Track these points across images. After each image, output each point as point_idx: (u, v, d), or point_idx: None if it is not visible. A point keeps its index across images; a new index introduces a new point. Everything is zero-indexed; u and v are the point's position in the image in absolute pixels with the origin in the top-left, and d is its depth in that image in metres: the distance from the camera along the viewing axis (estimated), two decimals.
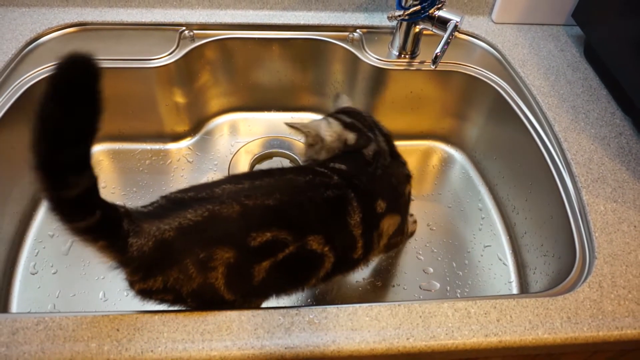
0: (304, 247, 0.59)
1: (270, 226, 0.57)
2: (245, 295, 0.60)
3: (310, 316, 0.57)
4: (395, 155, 0.76)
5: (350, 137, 0.73)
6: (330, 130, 0.73)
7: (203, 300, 0.58)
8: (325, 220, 0.62)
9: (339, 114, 0.77)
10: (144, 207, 0.58)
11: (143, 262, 0.54)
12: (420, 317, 0.57)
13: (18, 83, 0.84)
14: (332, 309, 0.58)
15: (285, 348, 0.54)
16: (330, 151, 0.73)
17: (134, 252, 0.53)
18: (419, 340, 0.56)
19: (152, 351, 0.53)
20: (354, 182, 0.66)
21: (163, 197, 0.60)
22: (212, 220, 0.56)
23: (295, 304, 0.79)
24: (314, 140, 0.74)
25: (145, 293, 0.57)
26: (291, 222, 0.59)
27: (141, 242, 0.53)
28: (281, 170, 0.66)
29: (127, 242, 0.53)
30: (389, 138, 0.76)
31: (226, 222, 0.56)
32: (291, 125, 0.74)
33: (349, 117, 0.76)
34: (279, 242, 0.58)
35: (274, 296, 0.65)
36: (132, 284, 0.57)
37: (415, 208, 0.96)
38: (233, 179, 0.63)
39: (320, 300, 0.82)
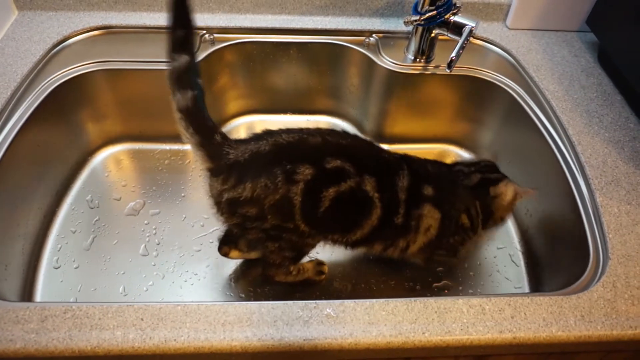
0: (360, 185, 0.67)
1: (341, 156, 0.67)
2: (310, 223, 0.68)
3: (328, 310, 0.58)
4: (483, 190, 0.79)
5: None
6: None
7: (280, 217, 0.66)
8: (381, 171, 0.70)
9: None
10: (240, 138, 0.71)
11: (237, 170, 0.65)
12: (436, 312, 0.59)
13: (45, 83, 0.87)
14: (349, 303, 0.59)
15: (304, 340, 0.56)
16: None
17: (229, 160, 0.66)
18: (435, 335, 0.57)
19: (175, 340, 0.55)
20: (419, 171, 0.74)
21: (256, 133, 0.71)
22: (300, 143, 0.68)
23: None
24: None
25: (232, 203, 0.66)
26: (356, 159, 0.68)
27: (237, 153, 0.66)
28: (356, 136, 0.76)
29: (223, 150, 0.66)
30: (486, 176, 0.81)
31: (311, 147, 0.68)
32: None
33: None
34: (344, 171, 0.67)
35: (329, 236, 0.73)
36: (221, 194, 0.67)
37: None
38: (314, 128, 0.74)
39: (336, 297, 0.83)
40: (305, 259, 0.80)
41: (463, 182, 0.78)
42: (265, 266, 0.78)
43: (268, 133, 0.70)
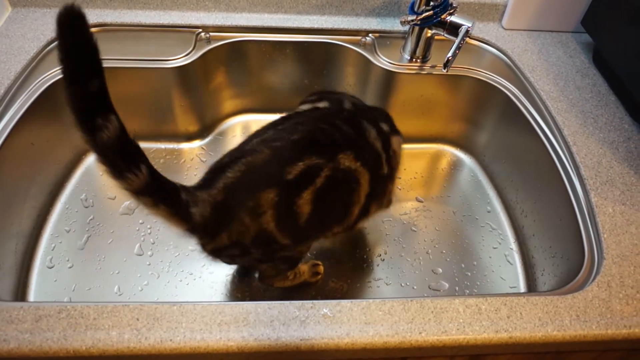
0: (337, 167, 0.65)
1: (301, 156, 0.63)
2: (296, 236, 0.66)
3: (325, 310, 0.58)
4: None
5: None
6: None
7: (264, 247, 0.65)
8: (349, 139, 0.67)
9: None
10: (195, 184, 0.65)
11: (208, 226, 0.61)
12: (432, 312, 0.59)
13: (38, 81, 0.86)
14: (346, 303, 0.59)
15: (301, 340, 0.55)
16: None
17: (198, 219, 0.61)
18: (431, 335, 0.57)
19: (170, 340, 0.55)
20: (352, 111, 0.74)
21: (207, 172, 0.66)
22: (249, 171, 0.62)
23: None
24: None
25: (216, 252, 0.66)
26: (319, 147, 0.65)
27: (201, 209, 0.61)
28: (298, 113, 0.73)
29: (190, 212, 0.60)
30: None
31: (262, 167, 0.62)
32: None
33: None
34: (313, 168, 0.63)
35: (322, 233, 0.71)
36: (203, 246, 0.65)
37: (424, 210, 0.97)
38: (258, 132, 0.69)
39: (333, 297, 0.83)
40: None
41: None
42: (262, 277, 0.78)
43: (214, 175, 0.64)
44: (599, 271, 0.65)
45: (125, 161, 0.55)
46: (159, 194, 0.58)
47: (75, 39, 0.48)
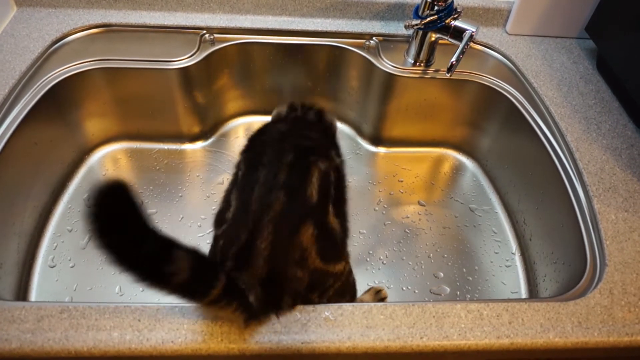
0: (335, 165, 0.64)
1: (309, 171, 0.60)
2: (339, 253, 0.63)
3: (327, 313, 0.58)
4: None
5: (284, 110, 0.76)
6: (275, 111, 0.76)
7: (319, 287, 0.60)
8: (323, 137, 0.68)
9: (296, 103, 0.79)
10: (225, 265, 0.58)
11: (266, 305, 0.55)
12: (434, 317, 0.59)
13: (43, 81, 0.87)
14: (347, 306, 0.59)
15: (302, 343, 0.55)
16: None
17: (256, 304, 0.54)
18: (432, 340, 0.57)
19: (172, 342, 0.55)
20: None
21: (223, 258, 0.58)
22: (278, 226, 0.56)
23: None
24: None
25: (280, 312, 0.58)
26: (314, 151, 0.63)
27: (253, 293, 0.54)
28: (258, 142, 0.69)
29: (248, 298, 0.53)
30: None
31: (287, 211, 0.57)
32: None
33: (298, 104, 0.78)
34: (324, 176, 0.60)
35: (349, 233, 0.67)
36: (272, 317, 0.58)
37: (426, 214, 0.97)
38: (246, 185, 0.62)
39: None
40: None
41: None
42: None
43: (243, 255, 0.57)
44: (601, 278, 0.65)
45: (204, 283, 0.49)
46: (231, 293, 0.52)
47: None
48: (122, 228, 0.43)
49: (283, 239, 0.57)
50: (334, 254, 0.62)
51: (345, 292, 0.67)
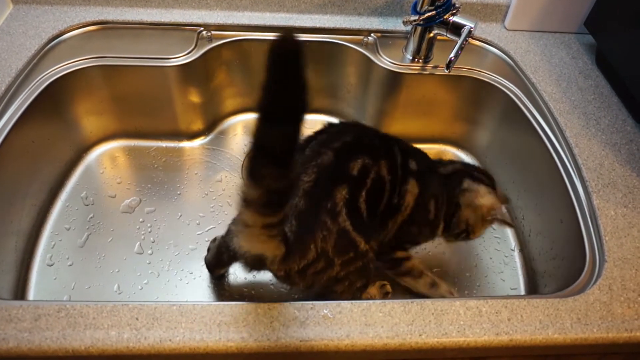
0: (379, 172, 0.67)
1: (358, 155, 0.66)
2: (366, 232, 0.66)
3: (325, 311, 0.58)
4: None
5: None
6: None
7: (344, 254, 0.64)
8: (385, 150, 0.70)
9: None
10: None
11: (297, 241, 0.60)
12: (433, 314, 0.58)
13: (40, 79, 0.86)
14: (346, 304, 0.59)
15: (300, 341, 0.55)
16: None
17: (291, 237, 0.59)
18: (431, 337, 0.57)
19: (170, 340, 0.55)
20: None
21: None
22: (321, 172, 0.64)
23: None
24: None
25: (302, 272, 0.62)
26: (367, 149, 0.68)
27: (290, 226, 0.60)
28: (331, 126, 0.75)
29: (285, 233, 0.58)
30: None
31: (331, 167, 0.65)
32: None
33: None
34: (366, 167, 0.66)
35: (379, 232, 0.71)
36: (290, 270, 0.62)
37: None
38: (309, 137, 0.70)
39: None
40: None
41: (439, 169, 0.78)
42: None
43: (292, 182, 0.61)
44: (600, 274, 0.65)
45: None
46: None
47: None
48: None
49: (324, 184, 0.63)
50: (361, 228, 0.65)
51: (363, 274, 0.69)
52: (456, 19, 0.87)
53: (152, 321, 0.56)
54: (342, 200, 0.63)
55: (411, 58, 0.97)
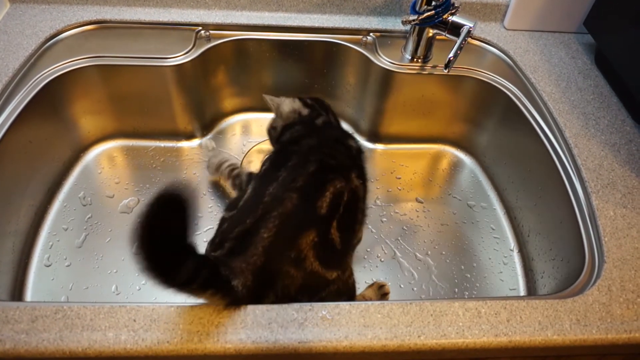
0: (352, 187, 0.67)
1: (325, 187, 0.64)
2: (338, 262, 0.65)
3: (323, 312, 0.58)
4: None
5: (305, 111, 0.84)
6: (290, 106, 0.84)
7: (311, 291, 0.62)
8: (349, 159, 0.72)
9: (306, 98, 0.87)
10: (215, 251, 0.63)
11: (252, 294, 0.58)
12: (432, 315, 0.58)
13: (37, 78, 0.86)
14: (344, 305, 0.58)
15: (299, 342, 0.55)
16: (287, 121, 0.83)
17: (241, 291, 0.57)
18: (430, 338, 0.56)
19: (167, 342, 0.54)
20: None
21: (228, 238, 0.62)
22: (285, 223, 0.61)
23: None
24: (277, 112, 0.85)
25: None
26: (335, 171, 0.67)
27: (242, 280, 0.57)
28: (289, 145, 0.75)
29: (232, 285, 0.56)
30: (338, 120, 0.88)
31: (296, 214, 0.62)
32: (264, 97, 0.87)
33: (310, 100, 0.87)
34: (337, 194, 0.65)
35: (354, 249, 0.73)
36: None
37: (424, 210, 0.97)
38: (265, 179, 0.68)
39: None
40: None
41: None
42: None
43: (244, 240, 0.61)
44: (599, 275, 0.64)
45: (188, 278, 0.51)
46: (208, 282, 0.54)
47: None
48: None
49: (285, 235, 0.60)
50: (333, 262, 0.64)
51: (341, 294, 0.67)
52: (455, 18, 0.86)
53: (149, 323, 0.56)
54: (308, 246, 0.60)
55: (410, 58, 0.97)
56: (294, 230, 0.61)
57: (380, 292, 0.81)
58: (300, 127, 0.80)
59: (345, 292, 0.69)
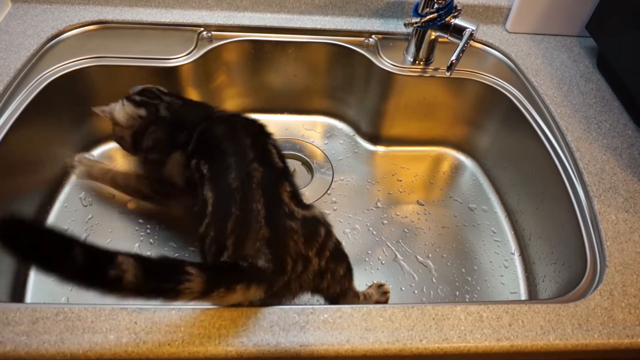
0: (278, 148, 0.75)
1: (267, 146, 0.73)
2: (304, 203, 0.69)
3: (325, 315, 0.58)
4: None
5: (142, 112, 0.82)
6: (122, 112, 0.82)
7: (314, 240, 0.64)
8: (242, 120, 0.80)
9: (132, 96, 0.85)
10: (222, 255, 0.61)
11: (276, 266, 0.59)
12: (434, 319, 0.58)
13: (39, 78, 0.86)
14: (346, 308, 0.58)
15: (300, 346, 0.55)
16: (132, 127, 0.82)
17: (269, 267, 0.58)
18: (432, 342, 0.56)
19: (169, 345, 0.54)
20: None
21: (222, 241, 0.62)
22: (266, 188, 0.65)
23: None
24: (113, 121, 0.83)
25: (286, 286, 0.62)
26: (253, 130, 0.76)
27: (263, 257, 0.58)
28: (200, 148, 0.75)
29: (260, 268, 0.58)
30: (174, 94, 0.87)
31: (268, 176, 0.66)
32: (94, 110, 0.85)
33: (139, 96, 0.84)
34: (276, 146, 0.74)
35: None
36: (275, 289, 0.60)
37: (425, 213, 0.97)
38: (217, 175, 0.68)
39: None
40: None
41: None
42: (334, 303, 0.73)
43: (241, 232, 0.61)
44: (601, 279, 0.64)
45: (166, 280, 0.49)
46: (229, 276, 0.55)
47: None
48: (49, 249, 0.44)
49: (273, 199, 0.64)
50: (304, 203, 0.68)
51: (339, 257, 0.69)
52: (457, 21, 0.86)
53: (150, 325, 0.55)
54: (288, 197, 0.65)
55: (412, 60, 0.97)
56: (274, 190, 0.65)
57: (380, 291, 0.81)
58: (157, 127, 0.80)
59: (342, 257, 0.70)
